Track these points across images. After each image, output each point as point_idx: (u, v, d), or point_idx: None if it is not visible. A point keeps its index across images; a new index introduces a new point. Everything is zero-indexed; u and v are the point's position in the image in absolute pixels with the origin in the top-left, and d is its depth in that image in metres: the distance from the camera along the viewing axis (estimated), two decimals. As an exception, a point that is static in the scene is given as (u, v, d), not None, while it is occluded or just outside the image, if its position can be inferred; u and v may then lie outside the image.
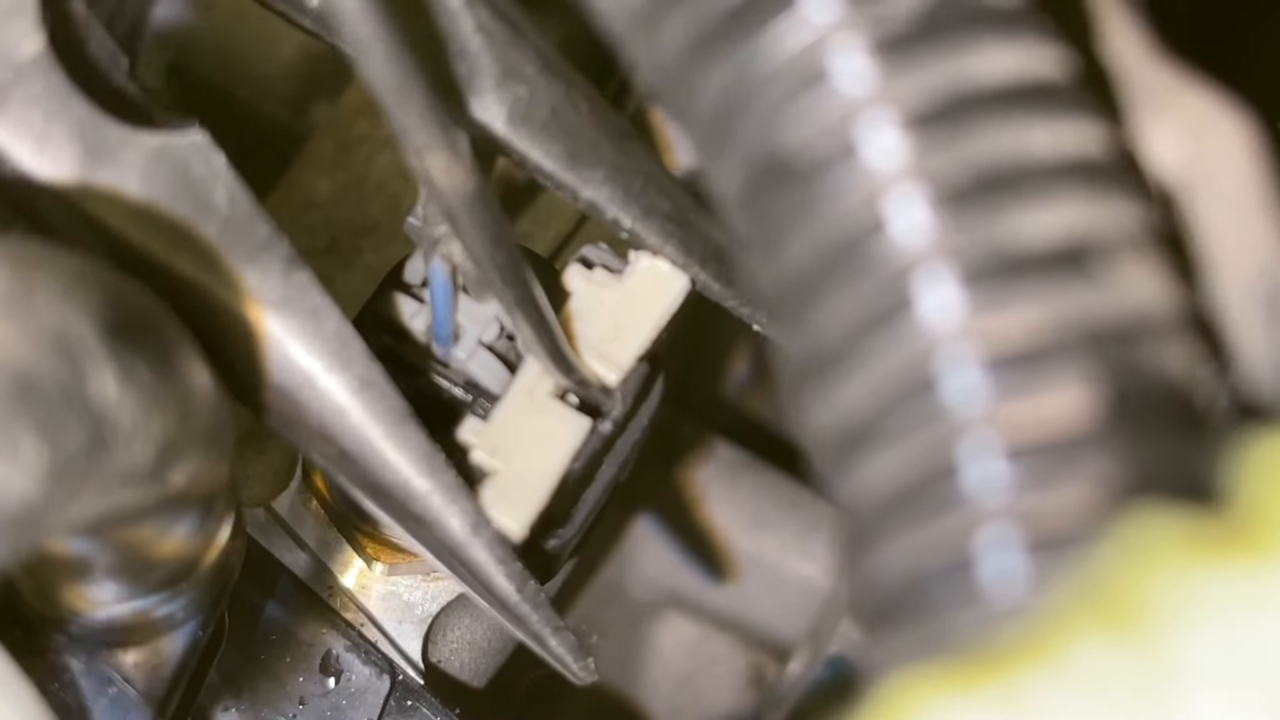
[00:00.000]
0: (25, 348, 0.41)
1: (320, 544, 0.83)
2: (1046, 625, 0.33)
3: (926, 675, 0.33)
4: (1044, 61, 0.37)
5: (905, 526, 0.36)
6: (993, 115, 0.36)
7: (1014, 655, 0.32)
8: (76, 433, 0.42)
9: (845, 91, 0.37)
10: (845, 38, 0.37)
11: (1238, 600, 0.31)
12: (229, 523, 0.62)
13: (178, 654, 0.67)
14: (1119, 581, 0.32)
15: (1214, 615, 0.31)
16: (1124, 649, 0.31)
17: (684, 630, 1.11)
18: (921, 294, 0.36)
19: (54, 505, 0.41)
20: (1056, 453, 0.35)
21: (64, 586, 0.60)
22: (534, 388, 0.64)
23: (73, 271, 0.45)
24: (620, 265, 0.67)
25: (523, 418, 0.64)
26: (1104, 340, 0.36)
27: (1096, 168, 0.37)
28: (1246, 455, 0.34)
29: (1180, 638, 0.31)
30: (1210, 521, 0.33)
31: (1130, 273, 0.36)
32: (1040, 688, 0.32)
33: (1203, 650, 0.31)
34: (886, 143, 0.36)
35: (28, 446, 0.40)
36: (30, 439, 0.40)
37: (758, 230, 0.39)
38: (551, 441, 0.63)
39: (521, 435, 0.63)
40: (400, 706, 0.81)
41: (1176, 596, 0.31)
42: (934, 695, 0.33)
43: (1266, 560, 0.31)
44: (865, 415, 0.37)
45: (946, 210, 0.36)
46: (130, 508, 0.50)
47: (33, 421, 0.41)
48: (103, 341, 0.44)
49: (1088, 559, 0.34)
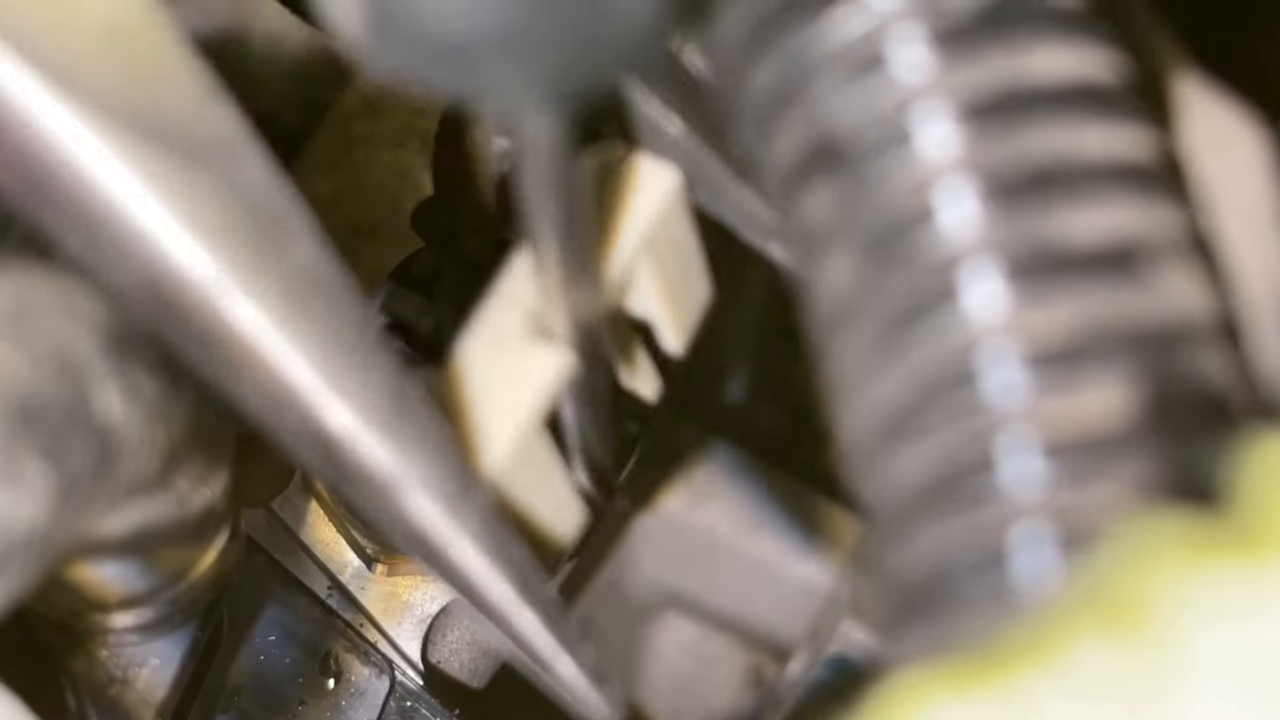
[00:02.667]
0: (27, 370, 0.41)
1: (320, 544, 0.83)
2: (1048, 626, 0.33)
3: (927, 674, 0.33)
4: (1100, 64, 0.37)
5: (937, 519, 0.36)
6: (1047, 114, 0.37)
7: (1015, 655, 0.32)
8: (82, 452, 0.42)
9: (902, 80, 0.37)
10: (905, 27, 0.37)
11: (1240, 601, 0.31)
12: (227, 524, 0.62)
13: (178, 654, 0.68)
14: (1121, 582, 0.32)
15: (1217, 616, 0.31)
16: (1126, 650, 0.31)
17: (684, 630, 1.11)
18: (967, 286, 0.36)
19: (62, 526, 0.41)
20: (1093, 451, 0.35)
21: (64, 588, 0.60)
22: (498, 325, 0.53)
23: (73, 288, 0.45)
24: None
25: (486, 361, 0.52)
26: (1145, 343, 0.36)
27: (1145, 172, 0.37)
28: (1249, 456, 0.34)
29: (1183, 639, 0.31)
30: (1214, 522, 0.33)
31: (1174, 277, 0.36)
32: (1041, 688, 0.32)
33: (1205, 651, 0.31)
34: (940, 133, 0.37)
35: (33, 471, 0.40)
36: (35, 463, 0.40)
37: (804, 213, 0.39)
38: (523, 381, 0.52)
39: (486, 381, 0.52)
40: (400, 707, 0.81)
41: (1179, 597, 0.31)
42: (934, 696, 0.33)
43: (1269, 561, 0.31)
44: (903, 405, 0.37)
45: (996, 204, 0.36)
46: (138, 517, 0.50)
47: (37, 445, 0.40)
48: (105, 357, 0.44)
49: (1091, 559, 0.34)
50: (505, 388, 0.51)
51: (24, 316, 0.42)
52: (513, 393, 0.50)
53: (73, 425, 0.42)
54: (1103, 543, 0.34)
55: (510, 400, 0.50)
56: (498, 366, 0.51)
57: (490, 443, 0.50)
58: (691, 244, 0.56)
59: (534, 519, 0.53)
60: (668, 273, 0.54)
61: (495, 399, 0.50)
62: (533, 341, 0.52)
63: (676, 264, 0.55)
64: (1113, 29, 0.38)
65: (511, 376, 0.51)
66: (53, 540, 0.41)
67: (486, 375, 0.51)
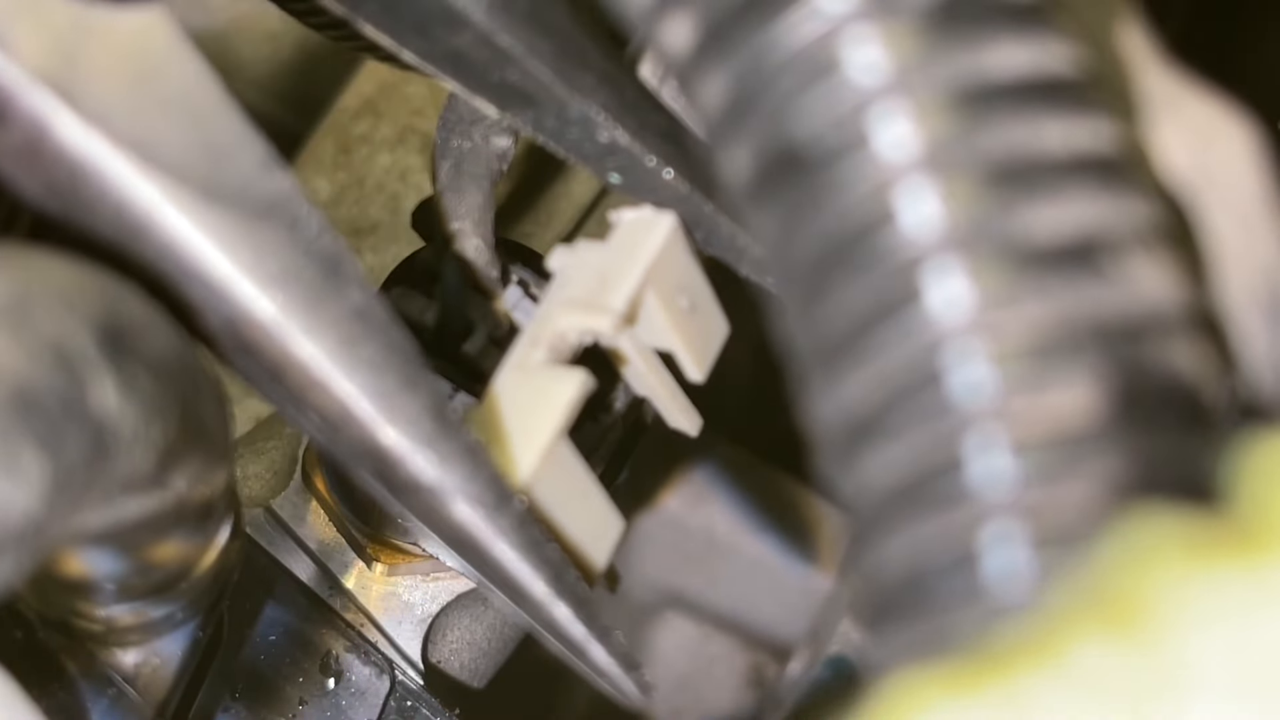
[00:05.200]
0: (24, 361, 0.41)
1: (320, 544, 0.83)
2: (1047, 625, 0.33)
3: (927, 675, 0.33)
4: (1058, 57, 0.37)
5: (909, 521, 0.36)
6: (1005, 109, 0.36)
7: (1015, 655, 0.32)
8: (77, 444, 0.42)
9: (857, 82, 0.37)
10: (858, 29, 0.37)
11: (1240, 601, 0.31)
12: (228, 523, 0.62)
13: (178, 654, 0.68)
14: (1121, 582, 0.32)
15: (1216, 616, 0.31)
16: (1125, 650, 0.31)
17: (684, 630, 1.11)
18: (930, 287, 0.36)
19: (56, 517, 0.41)
20: (1063, 449, 0.35)
21: (64, 587, 0.60)
22: (525, 360, 0.59)
23: (71, 279, 0.45)
24: None
25: (516, 390, 0.59)
26: (1113, 337, 0.36)
27: (1108, 164, 0.37)
28: (1248, 456, 0.34)
29: (1182, 639, 0.31)
30: (1212, 522, 0.33)
31: (1140, 270, 0.36)
32: (1041, 688, 0.32)
33: (1204, 651, 0.31)
34: (898, 134, 0.37)
35: (29, 461, 0.40)
36: (31, 453, 0.40)
37: (767, 219, 0.39)
38: (547, 402, 0.58)
39: (517, 406, 0.58)
40: (400, 707, 0.81)
41: (1178, 597, 0.31)
42: (934, 696, 0.33)
43: (1268, 562, 0.31)
44: (871, 407, 0.37)
45: (957, 203, 0.36)
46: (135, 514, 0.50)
47: (33, 435, 0.41)
48: (102, 350, 0.44)
49: (1089, 559, 0.34)
50: (531, 411, 0.57)
51: (21, 308, 0.42)
52: (538, 414, 0.57)
53: (69, 416, 0.42)
54: (1101, 542, 0.34)
55: (536, 421, 0.57)
56: (524, 393, 0.58)
57: (522, 456, 0.56)
58: (698, 281, 0.61)
59: (571, 529, 0.58)
60: (674, 307, 0.59)
61: (524, 421, 0.57)
62: (554, 368, 0.58)
63: (684, 299, 0.60)
64: (1070, 22, 0.38)
65: (536, 401, 0.57)
66: (47, 531, 0.41)
67: (515, 401, 0.58)
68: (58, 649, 0.67)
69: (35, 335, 0.42)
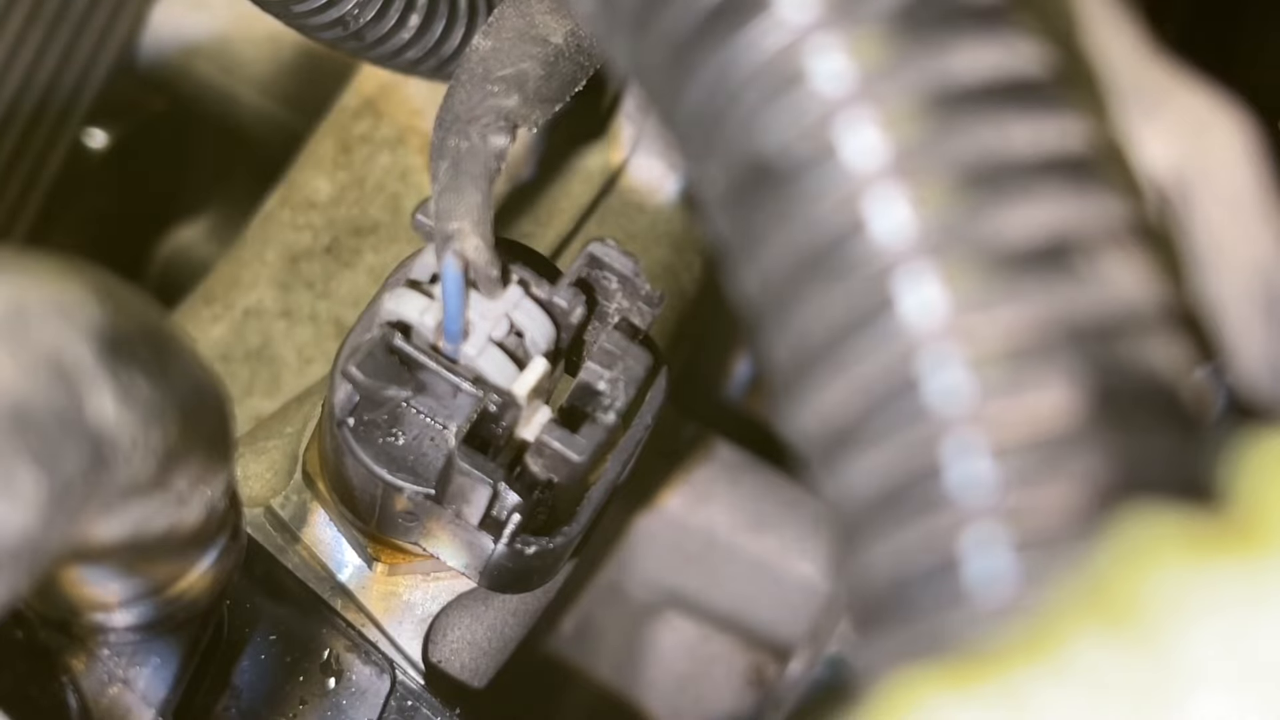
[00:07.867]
0: (19, 377, 0.41)
1: (320, 544, 0.83)
2: (1044, 624, 0.33)
3: (925, 674, 0.33)
4: (1023, 58, 0.37)
5: (891, 527, 0.36)
6: (972, 113, 0.36)
7: (1012, 654, 0.32)
8: (75, 457, 0.42)
9: (823, 92, 0.37)
10: (821, 38, 0.37)
11: (1237, 599, 0.31)
12: (229, 523, 0.62)
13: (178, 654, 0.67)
14: (1117, 580, 0.32)
15: (1213, 613, 0.31)
16: (1123, 647, 0.31)
17: (684, 630, 1.11)
18: (903, 294, 0.36)
19: (55, 531, 0.41)
20: (1042, 451, 0.35)
21: (64, 588, 0.60)
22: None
23: (68, 287, 0.45)
24: (628, 265, 0.67)
25: None
26: (1088, 337, 0.36)
27: (1078, 164, 0.37)
28: (1244, 454, 0.34)
29: (1179, 636, 0.31)
30: (1209, 520, 0.33)
31: (1113, 268, 0.36)
32: (1038, 686, 0.32)
33: (1202, 648, 0.31)
34: (865, 142, 0.36)
35: (25, 478, 0.40)
36: (28, 470, 0.40)
37: (741, 233, 0.39)
38: None
39: None
40: (400, 707, 0.81)
41: (1175, 595, 0.31)
42: (932, 694, 0.33)
43: (1265, 559, 0.31)
44: (849, 417, 0.37)
45: (927, 209, 0.36)
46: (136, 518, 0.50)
47: (30, 452, 0.40)
48: (100, 359, 0.43)
49: (1086, 557, 0.34)
50: None
51: (17, 321, 0.42)
52: None
53: (66, 431, 0.42)
54: (1096, 540, 0.34)
55: None
56: None
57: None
58: None
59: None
60: None
61: None
62: None
63: None
64: (1036, 22, 0.38)
65: None
66: (46, 547, 0.41)
67: None
68: (58, 649, 0.66)
69: (31, 349, 0.42)
